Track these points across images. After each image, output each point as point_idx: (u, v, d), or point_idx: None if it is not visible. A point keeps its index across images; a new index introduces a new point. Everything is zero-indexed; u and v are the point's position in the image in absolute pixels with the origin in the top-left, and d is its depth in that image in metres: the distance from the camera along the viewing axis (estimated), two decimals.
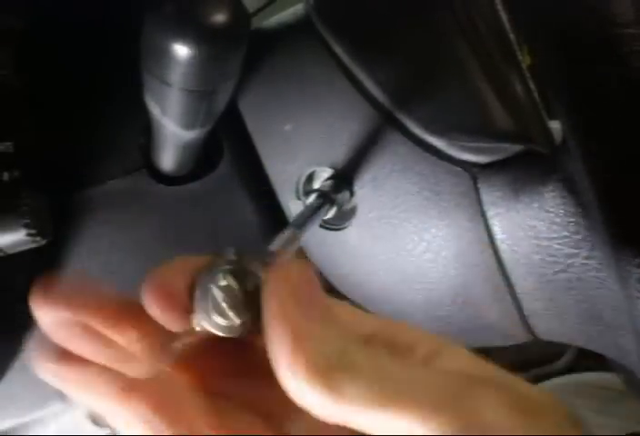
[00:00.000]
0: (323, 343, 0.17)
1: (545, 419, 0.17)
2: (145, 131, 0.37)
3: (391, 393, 0.16)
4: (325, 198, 0.33)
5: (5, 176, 0.32)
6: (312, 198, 0.34)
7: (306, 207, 0.32)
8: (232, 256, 0.19)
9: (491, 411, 0.16)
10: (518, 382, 0.18)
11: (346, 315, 0.20)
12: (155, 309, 0.18)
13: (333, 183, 0.35)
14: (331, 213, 0.34)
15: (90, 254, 0.38)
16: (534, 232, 0.31)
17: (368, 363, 0.17)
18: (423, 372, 0.17)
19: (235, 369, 0.20)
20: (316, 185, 0.38)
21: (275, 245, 0.23)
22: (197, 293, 0.18)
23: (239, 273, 0.18)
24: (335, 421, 0.17)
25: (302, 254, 0.33)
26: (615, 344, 0.32)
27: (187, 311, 0.18)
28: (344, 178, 0.36)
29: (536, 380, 0.73)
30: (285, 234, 0.25)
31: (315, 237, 0.39)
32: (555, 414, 0.17)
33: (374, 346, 0.19)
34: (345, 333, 0.18)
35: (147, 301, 0.18)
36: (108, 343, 0.19)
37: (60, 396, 0.37)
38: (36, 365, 0.19)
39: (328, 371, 0.16)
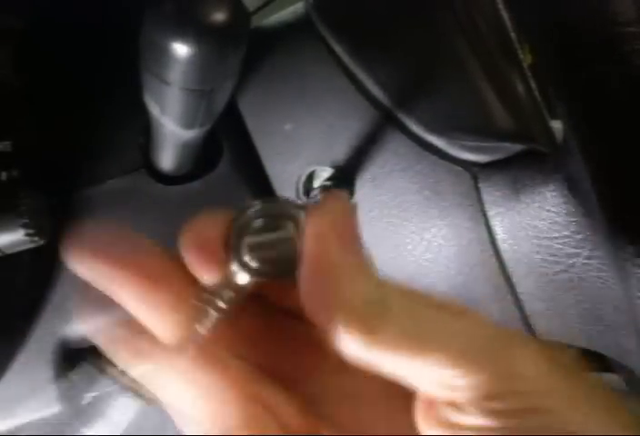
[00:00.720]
0: (362, 283, 0.16)
1: (581, 380, 0.17)
2: (145, 130, 0.37)
3: (428, 340, 0.16)
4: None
5: (4, 176, 0.32)
6: (315, 193, 0.34)
7: (309, 202, 0.32)
8: (260, 204, 0.18)
9: (530, 364, 0.16)
10: (544, 342, 0.18)
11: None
12: (194, 262, 0.18)
13: (333, 183, 0.35)
14: None
15: None
16: (535, 231, 0.31)
17: (407, 309, 0.16)
18: (462, 323, 0.17)
19: (269, 338, 0.20)
20: (317, 185, 0.38)
21: None
22: (232, 241, 0.18)
23: (271, 216, 0.18)
24: (370, 366, 0.16)
25: None
26: (616, 344, 0.32)
27: (223, 262, 0.18)
28: (344, 177, 0.36)
29: None
30: None
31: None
32: (587, 377, 0.17)
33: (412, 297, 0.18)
34: (384, 277, 0.17)
35: (186, 255, 0.18)
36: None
37: (60, 397, 0.37)
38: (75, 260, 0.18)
39: (365, 314, 0.16)
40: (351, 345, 0.16)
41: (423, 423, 0.17)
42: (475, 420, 0.15)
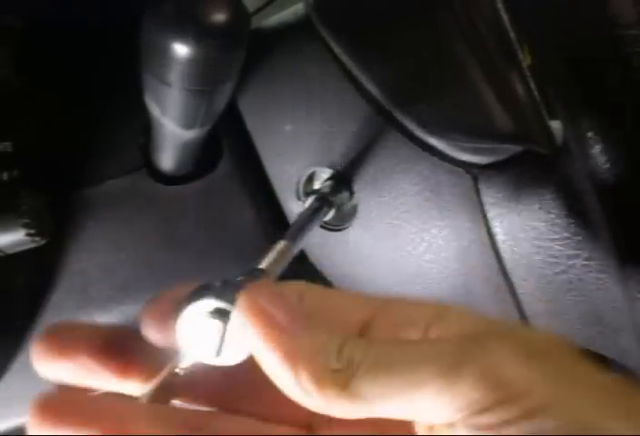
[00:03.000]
0: (316, 352, 0.17)
1: (558, 359, 0.17)
2: (145, 131, 0.37)
3: (403, 375, 0.16)
4: (323, 201, 0.33)
5: (5, 176, 0.32)
6: (310, 201, 0.34)
7: (303, 212, 0.32)
8: (210, 293, 0.19)
9: (509, 362, 0.16)
10: (522, 329, 0.18)
11: (341, 303, 0.20)
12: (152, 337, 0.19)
13: (332, 184, 0.35)
14: (330, 215, 0.34)
15: (90, 254, 0.38)
16: (535, 233, 0.31)
17: (367, 355, 0.17)
18: (427, 345, 0.17)
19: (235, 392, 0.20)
20: (316, 186, 0.38)
21: (269, 258, 0.23)
22: (178, 327, 0.18)
23: (214, 309, 0.18)
24: (365, 416, 0.17)
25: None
26: (616, 345, 0.32)
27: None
28: (343, 179, 0.36)
29: None
30: (278, 246, 0.24)
31: (315, 237, 0.39)
32: (564, 353, 0.17)
33: (373, 331, 0.19)
34: (335, 333, 0.18)
35: (145, 330, 0.19)
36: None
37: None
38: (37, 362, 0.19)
39: (333, 377, 0.16)
40: (334, 408, 0.17)
41: None
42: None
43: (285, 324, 0.17)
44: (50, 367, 0.19)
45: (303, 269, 0.41)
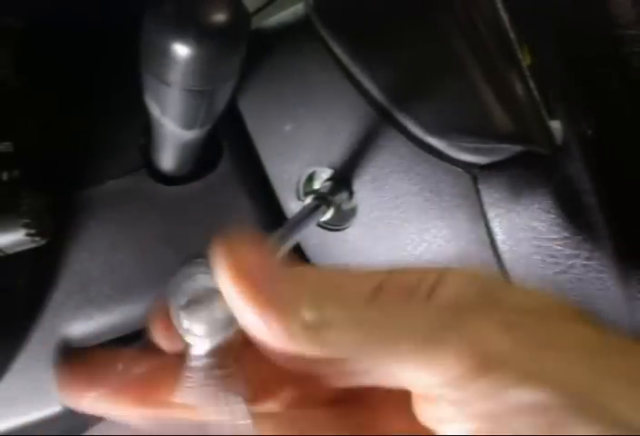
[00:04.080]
0: (288, 300, 0.16)
1: (544, 326, 0.16)
2: (145, 131, 0.37)
3: (381, 342, 0.16)
4: (322, 200, 0.33)
5: (5, 176, 0.32)
6: (308, 200, 0.34)
7: (299, 211, 0.32)
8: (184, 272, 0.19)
9: (489, 334, 0.15)
10: (512, 291, 0.17)
11: (346, 277, 0.19)
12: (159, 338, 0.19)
13: (332, 184, 0.35)
14: (328, 215, 0.34)
15: (90, 254, 0.38)
16: (534, 232, 0.31)
17: (344, 312, 0.16)
18: (407, 314, 0.17)
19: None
20: (317, 186, 0.38)
21: None
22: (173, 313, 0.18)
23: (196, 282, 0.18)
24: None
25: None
26: None
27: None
28: (343, 179, 0.36)
29: None
30: (271, 239, 0.24)
31: (315, 237, 0.39)
32: (553, 317, 0.17)
33: (381, 295, 0.18)
34: (317, 290, 0.17)
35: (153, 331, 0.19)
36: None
37: (60, 398, 0.37)
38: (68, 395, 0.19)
39: (309, 326, 0.16)
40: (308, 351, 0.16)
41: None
42: (446, 412, 0.15)
43: (258, 272, 0.17)
44: (77, 400, 0.19)
45: None
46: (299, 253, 0.40)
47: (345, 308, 0.17)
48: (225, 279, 0.17)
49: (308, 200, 0.34)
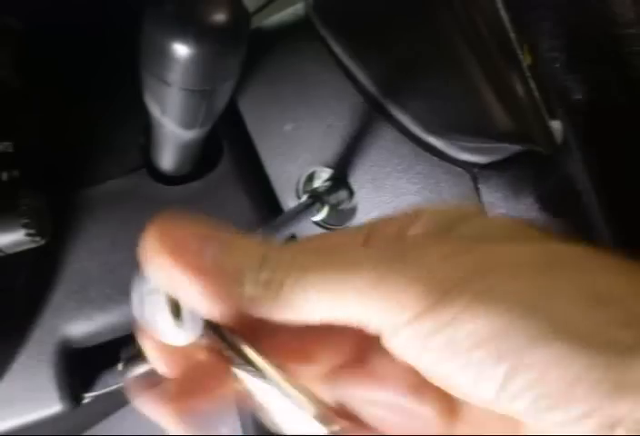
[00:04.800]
0: (238, 265, 0.16)
1: (495, 249, 0.16)
2: (145, 131, 0.37)
3: (335, 282, 0.15)
4: (316, 198, 0.33)
5: (5, 176, 0.32)
6: (303, 198, 0.34)
7: (293, 207, 0.32)
8: None
9: (440, 264, 0.15)
10: (466, 225, 0.17)
11: (335, 236, 0.19)
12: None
13: (331, 184, 0.35)
14: (323, 214, 0.34)
15: (90, 254, 0.38)
16: None
17: (294, 263, 0.16)
18: (357, 252, 0.16)
19: None
20: (316, 185, 0.38)
21: None
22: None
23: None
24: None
25: None
26: None
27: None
28: (342, 179, 0.36)
29: None
30: (256, 234, 0.24)
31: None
32: (509, 237, 0.16)
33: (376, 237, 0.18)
34: (253, 247, 0.16)
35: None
36: None
37: (60, 398, 0.37)
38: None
39: (258, 288, 0.16)
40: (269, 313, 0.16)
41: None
42: (401, 349, 0.15)
43: (195, 244, 0.16)
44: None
45: None
46: None
47: (288, 256, 0.16)
48: (158, 258, 0.16)
49: (304, 198, 0.34)
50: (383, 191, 0.35)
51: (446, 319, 0.14)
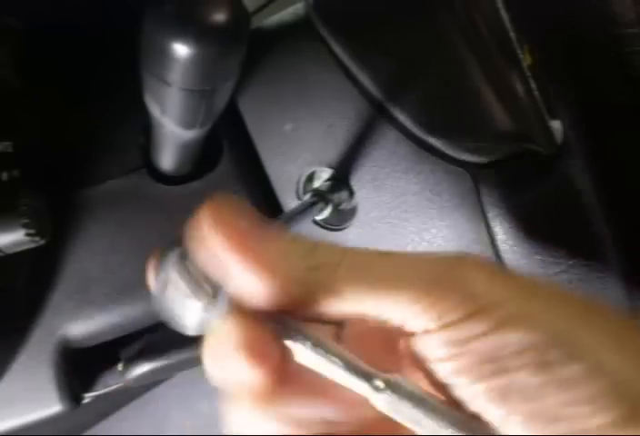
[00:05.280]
0: (288, 252, 0.17)
1: (525, 280, 0.17)
2: (145, 131, 0.37)
3: (380, 281, 0.16)
4: (319, 197, 0.33)
5: (5, 176, 0.32)
6: (306, 197, 0.34)
7: (296, 206, 0.32)
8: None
9: (481, 279, 0.16)
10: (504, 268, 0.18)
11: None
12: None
13: (331, 184, 0.35)
14: (326, 213, 0.34)
15: (90, 254, 0.38)
16: (534, 232, 0.31)
17: (345, 258, 0.17)
18: (404, 257, 0.17)
19: None
20: (316, 185, 0.38)
21: None
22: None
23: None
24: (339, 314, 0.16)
25: None
26: None
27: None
28: (343, 179, 0.36)
29: None
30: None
31: (315, 237, 0.39)
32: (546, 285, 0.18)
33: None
34: (301, 239, 0.17)
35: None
36: None
37: (60, 398, 0.37)
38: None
39: (307, 275, 0.16)
40: (314, 309, 0.16)
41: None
42: (443, 352, 0.16)
43: (250, 231, 0.17)
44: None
45: None
46: None
47: (338, 251, 0.17)
48: (217, 242, 0.16)
49: (307, 196, 0.34)
50: (383, 191, 0.35)
51: (488, 328, 0.15)
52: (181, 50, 0.23)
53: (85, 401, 0.39)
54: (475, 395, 0.15)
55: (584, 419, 0.14)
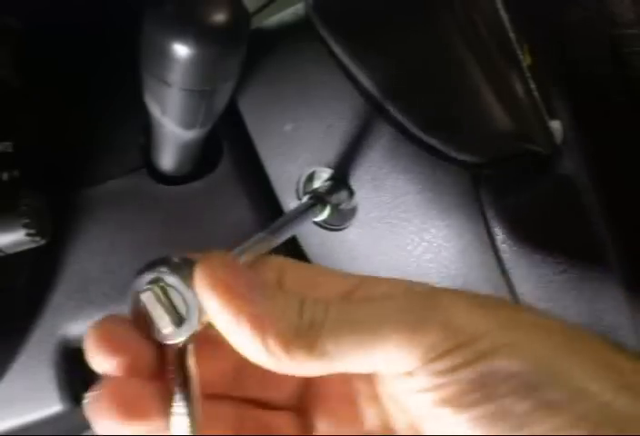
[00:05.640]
0: (279, 315, 0.17)
1: (509, 309, 0.18)
2: (145, 131, 0.37)
3: (366, 331, 0.17)
4: (318, 199, 0.33)
5: (5, 176, 0.32)
6: (305, 199, 0.34)
7: (294, 208, 0.32)
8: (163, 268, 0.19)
9: (463, 311, 0.17)
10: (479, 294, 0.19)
11: (320, 278, 0.20)
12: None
13: (331, 184, 0.35)
14: (324, 215, 0.34)
15: (90, 254, 0.38)
16: (534, 232, 0.31)
17: (329, 314, 0.17)
18: (384, 302, 0.18)
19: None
20: (316, 186, 0.38)
21: (245, 246, 0.23)
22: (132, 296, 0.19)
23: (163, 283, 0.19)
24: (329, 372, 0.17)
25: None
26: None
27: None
28: (342, 179, 0.36)
29: None
30: (255, 237, 0.24)
31: (315, 237, 0.39)
32: (513, 306, 0.19)
33: (351, 300, 0.19)
34: (292, 297, 0.18)
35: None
36: None
37: (60, 398, 0.37)
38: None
39: (298, 338, 0.17)
40: (296, 367, 0.17)
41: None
42: (427, 382, 0.16)
43: (244, 293, 0.17)
44: (102, 361, 0.20)
45: None
46: (300, 253, 0.40)
47: (321, 308, 0.18)
48: (213, 303, 0.17)
49: (305, 198, 0.34)
50: (383, 191, 0.35)
51: (473, 358, 0.16)
52: (181, 50, 0.23)
53: (86, 400, 0.39)
54: (458, 424, 0.16)
55: None
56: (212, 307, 0.17)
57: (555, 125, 0.30)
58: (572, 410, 0.15)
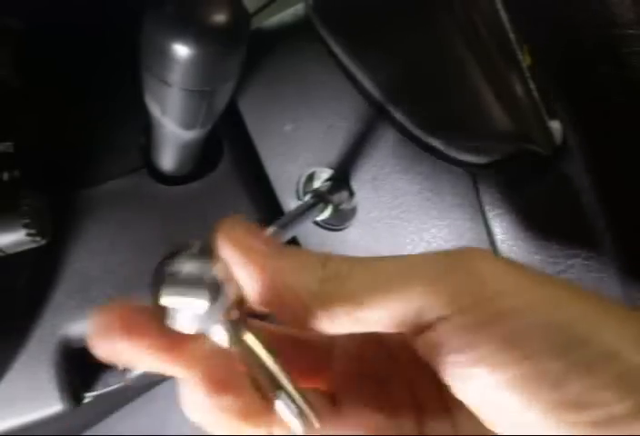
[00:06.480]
0: (301, 267, 0.18)
1: (535, 272, 0.17)
2: (145, 131, 0.37)
3: (391, 279, 0.17)
4: (320, 198, 0.33)
5: (5, 176, 0.32)
6: (307, 198, 0.34)
7: (296, 207, 0.32)
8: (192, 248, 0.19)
9: (489, 268, 0.17)
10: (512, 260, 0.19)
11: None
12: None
13: (331, 184, 0.35)
14: (326, 214, 0.34)
15: (90, 254, 0.38)
16: (534, 232, 0.31)
17: (354, 266, 0.17)
18: (412, 257, 0.18)
19: None
20: (316, 186, 0.38)
21: None
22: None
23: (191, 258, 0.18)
24: (353, 327, 0.17)
25: None
26: None
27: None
28: (343, 179, 0.36)
29: None
30: (267, 231, 0.24)
31: (315, 237, 0.39)
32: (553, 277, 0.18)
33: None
34: (315, 253, 0.18)
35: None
36: None
37: (61, 398, 0.37)
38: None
39: (327, 291, 0.17)
40: (333, 322, 0.17)
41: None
42: (459, 339, 0.16)
43: (264, 250, 0.18)
44: (109, 347, 0.19)
45: None
46: None
47: (347, 262, 0.18)
48: (235, 262, 0.17)
49: (307, 197, 0.34)
50: (383, 191, 0.35)
51: (503, 313, 0.15)
52: (181, 50, 0.23)
53: (86, 400, 0.39)
54: (495, 385, 0.15)
55: (606, 406, 0.14)
56: (236, 263, 0.17)
57: (555, 125, 0.30)
58: (606, 370, 0.15)
